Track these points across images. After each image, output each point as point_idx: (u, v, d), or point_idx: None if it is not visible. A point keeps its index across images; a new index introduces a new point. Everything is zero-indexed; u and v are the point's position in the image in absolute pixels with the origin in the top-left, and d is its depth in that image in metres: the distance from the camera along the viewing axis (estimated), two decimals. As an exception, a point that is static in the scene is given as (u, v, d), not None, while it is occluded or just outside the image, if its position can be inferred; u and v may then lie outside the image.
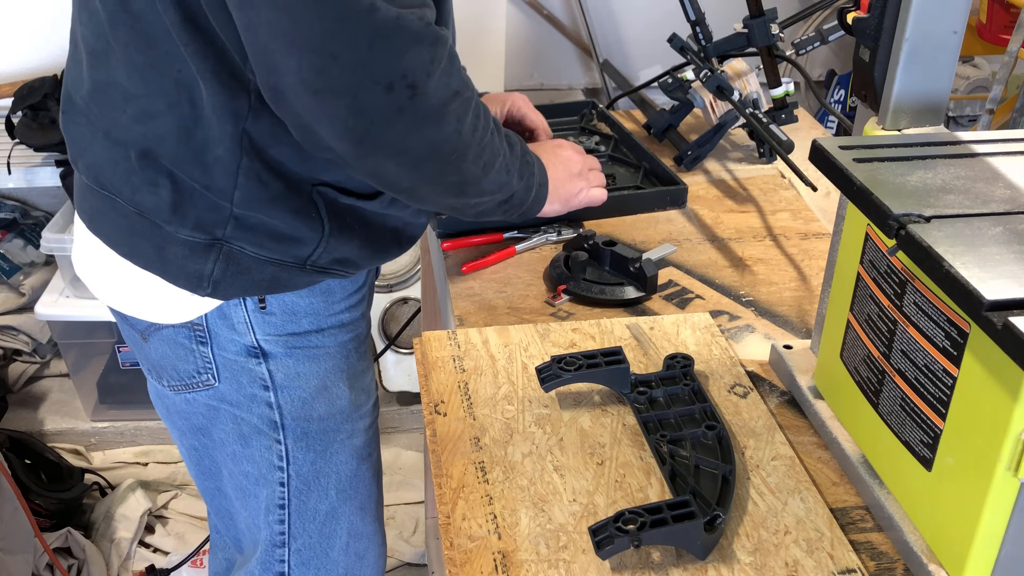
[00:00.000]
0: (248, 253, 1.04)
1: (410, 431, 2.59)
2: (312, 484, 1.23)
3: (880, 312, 0.88)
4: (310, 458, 1.21)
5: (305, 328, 1.15)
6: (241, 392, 1.16)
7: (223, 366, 1.14)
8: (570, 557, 0.85)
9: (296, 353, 1.15)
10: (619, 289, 1.23)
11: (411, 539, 2.28)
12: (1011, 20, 2.38)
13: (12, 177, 2.18)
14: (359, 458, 1.27)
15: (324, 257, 1.07)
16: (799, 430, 1.02)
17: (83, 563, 2.13)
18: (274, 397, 1.16)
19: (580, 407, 1.03)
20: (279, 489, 1.22)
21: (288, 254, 1.06)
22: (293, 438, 1.19)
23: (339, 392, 1.21)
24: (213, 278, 1.05)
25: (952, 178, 0.84)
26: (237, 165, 0.99)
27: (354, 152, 0.92)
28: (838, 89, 2.97)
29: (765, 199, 1.51)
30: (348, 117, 0.88)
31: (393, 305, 2.45)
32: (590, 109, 1.73)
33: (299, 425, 1.19)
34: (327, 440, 1.22)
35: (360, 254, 1.11)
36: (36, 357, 2.58)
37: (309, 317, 1.14)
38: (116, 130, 1.02)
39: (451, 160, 0.98)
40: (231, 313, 1.10)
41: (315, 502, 1.25)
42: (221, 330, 1.11)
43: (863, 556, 0.86)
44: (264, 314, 1.11)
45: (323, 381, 1.18)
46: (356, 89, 0.86)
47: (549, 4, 2.72)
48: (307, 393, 1.18)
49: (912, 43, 0.88)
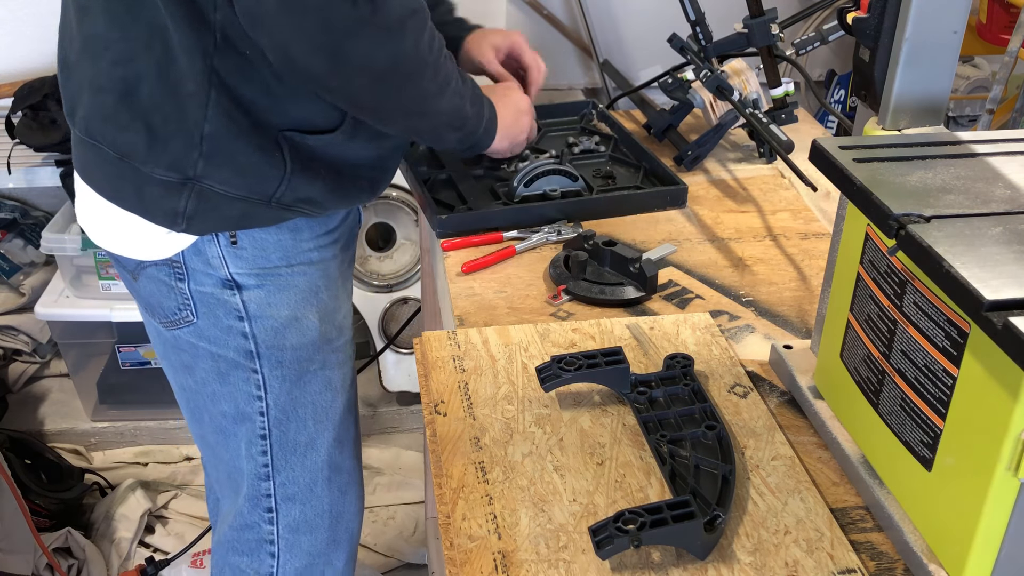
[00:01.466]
0: (217, 191, 1.13)
1: (410, 431, 2.59)
2: (290, 414, 1.32)
3: (880, 312, 0.88)
4: (286, 388, 1.30)
5: (275, 263, 1.23)
6: (218, 326, 1.25)
7: (200, 301, 1.23)
8: (570, 557, 0.85)
9: (267, 285, 1.24)
10: (619, 289, 1.23)
11: (411, 539, 2.28)
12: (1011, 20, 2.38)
13: (12, 177, 2.18)
14: (333, 390, 1.35)
15: (288, 195, 1.16)
16: (799, 430, 1.02)
17: (83, 563, 2.13)
18: (248, 327, 1.25)
19: (580, 407, 1.03)
20: (259, 420, 1.31)
21: (254, 190, 1.14)
22: (269, 367, 1.28)
23: (309, 324, 1.29)
24: (187, 214, 1.14)
25: (952, 178, 0.84)
26: (207, 98, 1.08)
27: (326, 67, 1.02)
28: (838, 89, 2.97)
29: (765, 199, 1.51)
30: (318, 33, 0.98)
31: (393, 305, 2.45)
32: (590, 109, 1.73)
33: (273, 354, 1.27)
34: (300, 369, 1.30)
35: (325, 195, 1.19)
36: (36, 357, 2.58)
37: (278, 252, 1.23)
38: (99, 77, 1.12)
39: (411, 75, 1.08)
40: (205, 249, 1.20)
41: (294, 432, 1.33)
42: (197, 265, 1.21)
43: (863, 556, 0.86)
44: (236, 249, 1.20)
45: (293, 312, 1.27)
46: (323, 4, 0.96)
47: (549, 4, 2.72)
48: (278, 323, 1.26)
49: (912, 43, 0.88)
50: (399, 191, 2.36)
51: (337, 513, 1.42)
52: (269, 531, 1.39)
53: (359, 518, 1.49)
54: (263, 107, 1.11)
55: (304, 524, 1.40)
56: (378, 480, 2.43)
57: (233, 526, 1.41)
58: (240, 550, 1.41)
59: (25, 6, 2.32)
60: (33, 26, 2.34)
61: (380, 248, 2.46)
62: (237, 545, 1.41)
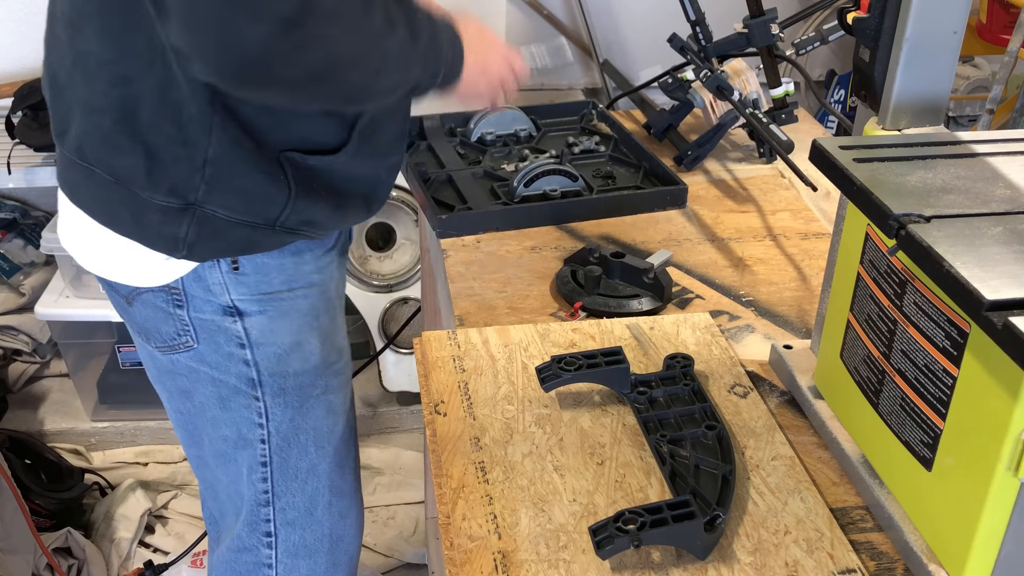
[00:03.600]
0: (220, 216, 1.08)
1: (410, 431, 2.59)
2: (292, 440, 1.28)
3: (880, 312, 0.88)
4: (288, 414, 1.26)
5: (277, 288, 1.19)
6: (219, 352, 1.20)
7: (200, 328, 1.19)
8: (570, 557, 0.85)
9: (269, 311, 1.20)
10: (635, 302, 1.21)
11: (411, 539, 2.28)
12: (1011, 20, 2.38)
13: (12, 177, 2.18)
14: (334, 414, 1.32)
15: (292, 218, 1.12)
16: (799, 430, 1.02)
17: (83, 563, 2.13)
18: (251, 354, 1.21)
19: (580, 407, 1.03)
20: (260, 447, 1.27)
21: (258, 215, 1.10)
22: (271, 394, 1.24)
23: (311, 348, 1.25)
24: (188, 241, 1.09)
25: (952, 178, 0.84)
26: (210, 122, 1.03)
27: (236, 85, 0.96)
28: (838, 89, 2.97)
29: (765, 199, 1.51)
30: (220, 51, 0.90)
31: (393, 305, 2.45)
32: (590, 109, 1.73)
33: (275, 381, 1.23)
34: (303, 395, 1.26)
35: (327, 215, 1.16)
36: (36, 357, 2.58)
37: (281, 277, 1.19)
38: (94, 98, 1.06)
39: (330, 80, 1.00)
40: (206, 275, 1.15)
41: (296, 459, 1.29)
42: (197, 292, 1.16)
43: (863, 556, 0.86)
44: (238, 275, 1.16)
45: (296, 337, 1.23)
46: (224, 22, 0.88)
47: (549, 4, 2.72)
48: (281, 349, 1.22)
49: (912, 43, 0.88)
50: (399, 191, 2.36)
51: (337, 536, 1.39)
52: (268, 555, 1.36)
53: (359, 539, 1.46)
54: (265, 126, 1.06)
55: (304, 549, 1.36)
56: (378, 480, 2.43)
57: (231, 548, 1.37)
58: (238, 571, 1.38)
59: (25, 6, 2.32)
60: (33, 26, 2.33)
61: (380, 248, 2.46)
62: (235, 566, 1.38)
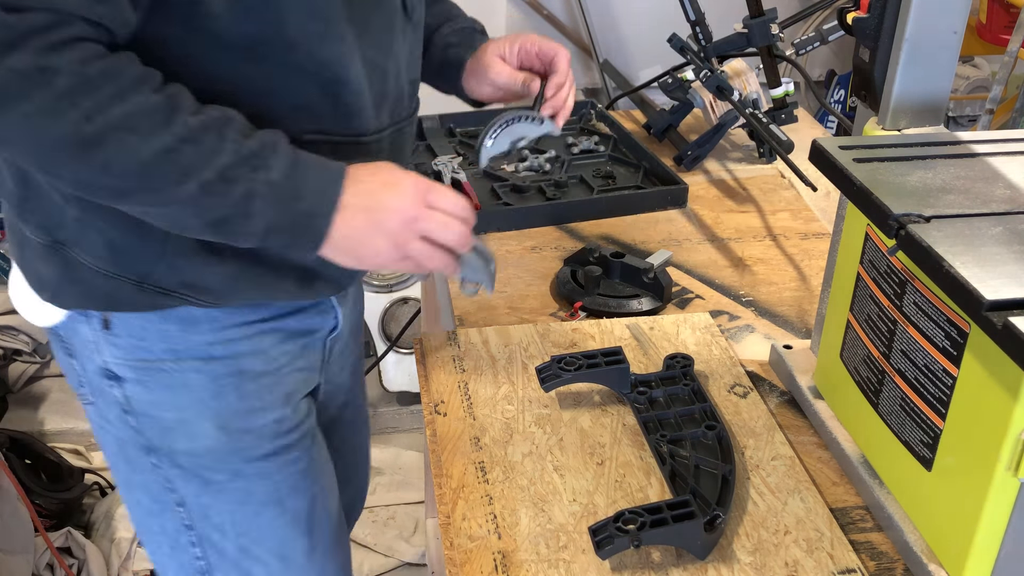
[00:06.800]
0: (83, 262, 0.93)
1: (410, 431, 2.59)
2: (207, 518, 1.08)
3: (880, 312, 0.88)
4: (192, 489, 1.06)
5: (157, 355, 1.00)
6: (112, 413, 1.04)
7: (89, 382, 1.04)
8: (570, 557, 0.85)
9: (148, 381, 1.01)
10: (636, 302, 1.22)
11: (411, 539, 2.28)
12: (1011, 20, 2.38)
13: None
14: (259, 503, 1.08)
15: (167, 278, 0.93)
16: (799, 430, 1.02)
17: (83, 563, 2.13)
18: (136, 422, 1.03)
19: (580, 407, 1.03)
20: (179, 511, 1.07)
21: (126, 268, 0.93)
22: (168, 465, 1.05)
23: (201, 430, 1.03)
24: (51, 284, 0.96)
25: (952, 178, 0.84)
26: None
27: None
28: (838, 89, 2.97)
29: (765, 199, 1.51)
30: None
31: (393, 305, 2.45)
32: (590, 109, 1.73)
33: (166, 455, 1.04)
34: (203, 477, 1.05)
35: (225, 283, 0.95)
36: (36, 357, 2.58)
37: (162, 344, 0.99)
38: None
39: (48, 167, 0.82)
40: (79, 328, 1.00)
41: (219, 538, 1.09)
42: (75, 344, 1.02)
43: (863, 556, 0.86)
44: (108, 334, 0.99)
45: (180, 415, 1.02)
46: None
47: (549, 4, 2.72)
48: (164, 424, 1.03)
49: (912, 43, 0.88)
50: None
51: None
52: None
53: None
54: None
55: None
56: (378, 480, 2.43)
57: None
58: None
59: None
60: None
61: (380, 248, 2.46)
62: None
